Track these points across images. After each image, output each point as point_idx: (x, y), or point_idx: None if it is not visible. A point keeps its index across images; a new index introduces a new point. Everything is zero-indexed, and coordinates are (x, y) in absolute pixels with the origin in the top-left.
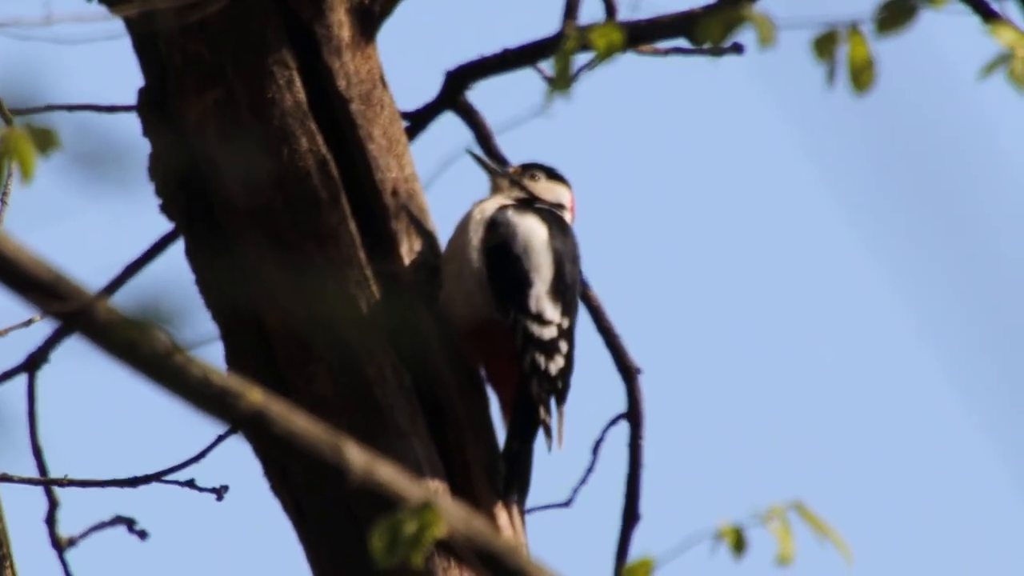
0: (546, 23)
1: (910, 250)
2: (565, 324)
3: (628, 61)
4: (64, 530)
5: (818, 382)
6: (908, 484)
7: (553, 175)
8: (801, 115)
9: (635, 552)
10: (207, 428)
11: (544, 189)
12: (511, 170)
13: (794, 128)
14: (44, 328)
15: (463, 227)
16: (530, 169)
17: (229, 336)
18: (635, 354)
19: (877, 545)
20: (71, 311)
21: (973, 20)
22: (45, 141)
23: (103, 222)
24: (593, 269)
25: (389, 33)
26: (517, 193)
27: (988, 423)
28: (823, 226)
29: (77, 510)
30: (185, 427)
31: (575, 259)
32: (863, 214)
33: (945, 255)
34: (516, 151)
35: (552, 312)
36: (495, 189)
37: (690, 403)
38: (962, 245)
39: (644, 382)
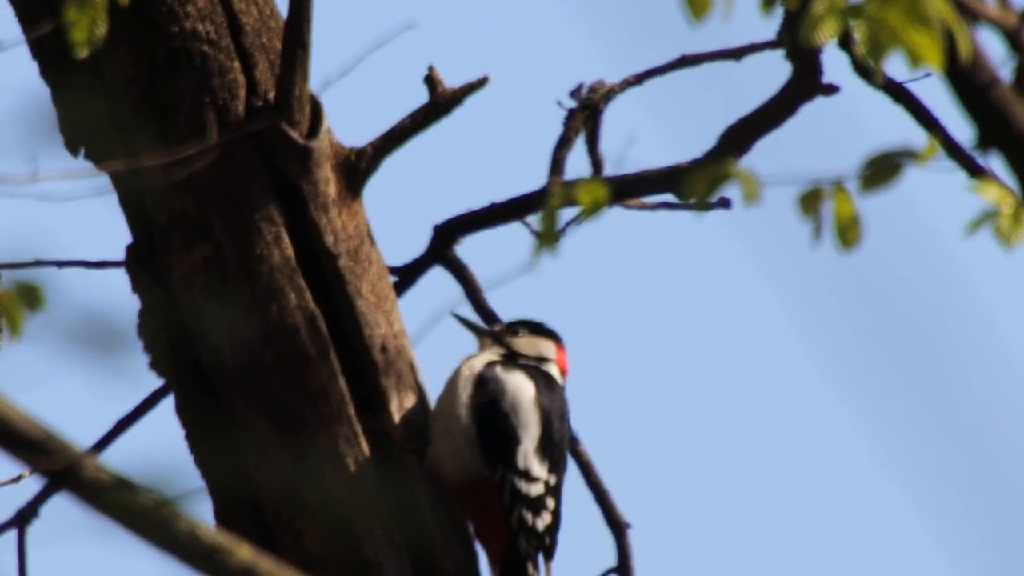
0: (534, 176)
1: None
2: (552, 480)
3: (616, 214)
4: None
5: (807, 538)
6: None
7: (538, 330)
8: (785, 272)
9: None
10: None
11: (526, 344)
12: (497, 327)
13: (777, 285)
14: (34, 483)
15: (452, 384)
16: (514, 326)
17: (218, 492)
18: (624, 509)
19: None
20: (60, 468)
21: (958, 177)
22: (33, 299)
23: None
24: (583, 424)
25: (376, 188)
26: (500, 350)
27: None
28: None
29: None
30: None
31: (563, 416)
32: (845, 373)
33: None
34: (506, 305)
35: (539, 469)
36: (481, 346)
37: (680, 557)
38: (943, 403)
39: (634, 537)
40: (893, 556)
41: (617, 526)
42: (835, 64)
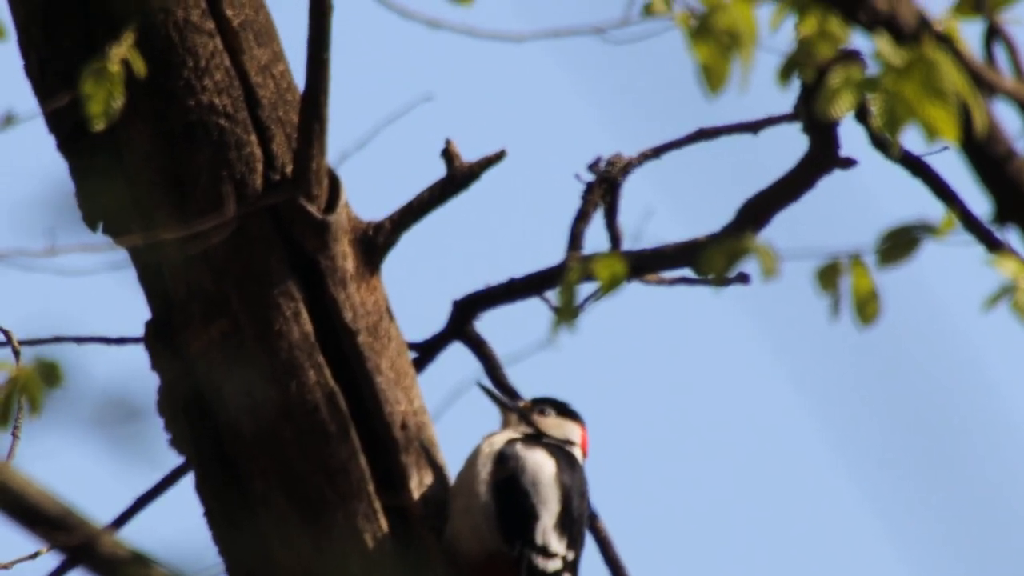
0: (552, 250)
1: (903, 489)
2: (570, 556)
3: (634, 289)
4: None
5: None
6: None
7: (564, 411)
8: (801, 348)
9: None
10: None
11: (553, 425)
12: (522, 404)
13: (794, 362)
14: (52, 560)
15: (472, 461)
16: (540, 403)
17: (236, 571)
18: None
19: None
20: (77, 544)
21: (975, 251)
22: (52, 376)
23: (113, 461)
24: (601, 500)
25: (394, 263)
26: (526, 428)
27: None
28: (821, 461)
29: None
30: None
31: (583, 493)
32: (858, 452)
33: (938, 495)
34: (525, 380)
35: (557, 545)
36: (505, 423)
37: None
38: (955, 484)
39: None
40: None
41: None
42: (852, 137)
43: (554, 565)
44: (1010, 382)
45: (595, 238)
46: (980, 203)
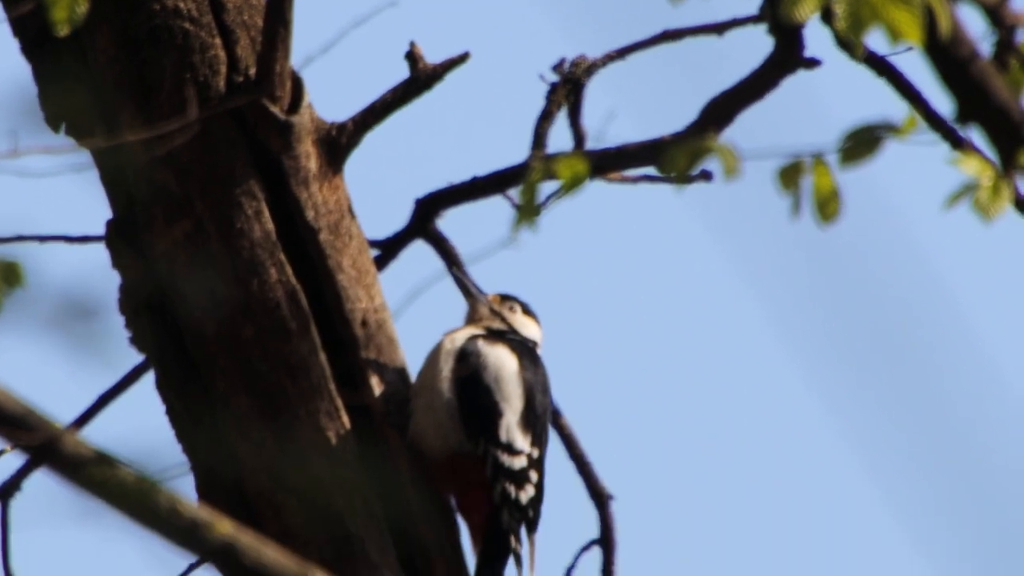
0: (516, 151)
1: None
2: (535, 454)
3: (598, 188)
4: None
5: (792, 506)
6: None
7: (528, 311)
8: (763, 246)
9: None
10: (179, 557)
11: (520, 323)
12: (489, 297)
13: (751, 261)
14: (16, 459)
15: (433, 358)
16: (509, 300)
17: (199, 468)
18: (607, 480)
19: None
20: (40, 443)
21: (938, 151)
22: (12, 276)
23: (74, 361)
24: (564, 398)
25: (358, 163)
26: (493, 323)
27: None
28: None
29: None
30: (157, 555)
31: (546, 389)
32: (818, 347)
33: (897, 392)
34: (486, 278)
35: (522, 442)
36: (473, 314)
37: (662, 529)
38: (914, 382)
39: (616, 508)
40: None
41: (600, 498)
42: (817, 38)
43: (519, 462)
44: (967, 279)
45: (559, 139)
46: (943, 104)
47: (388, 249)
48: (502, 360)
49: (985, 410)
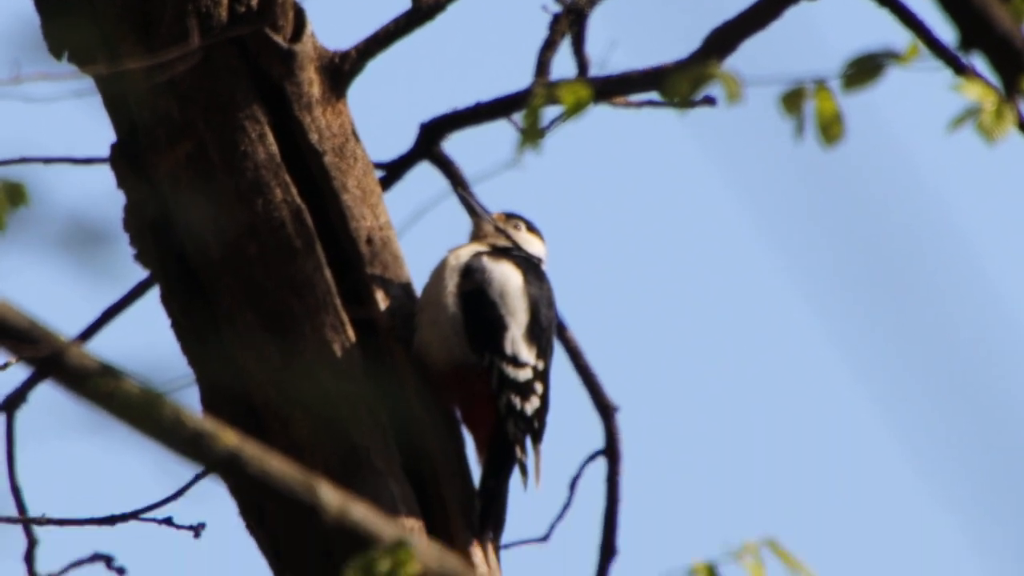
0: (520, 78)
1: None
2: (540, 366)
3: (602, 112)
4: (42, 568)
5: (793, 419)
6: (878, 523)
7: (532, 228)
8: (761, 173)
9: None
10: (185, 468)
11: (525, 240)
12: (494, 216)
13: (752, 185)
14: (22, 371)
15: (438, 273)
16: (513, 218)
17: (205, 381)
18: (612, 392)
19: None
20: (45, 355)
21: (940, 77)
22: (16, 196)
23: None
24: (570, 311)
25: (363, 90)
26: (498, 240)
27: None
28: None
29: (55, 548)
30: (163, 465)
31: (550, 303)
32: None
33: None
34: (491, 199)
35: (527, 355)
36: (478, 232)
37: (667, 439)
38: (911, 305)
39: (621, 419)
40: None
41: (605, 410)
42: None
43: (525, 374)
44: (969, 203)
45: (562, 68)
46: (945, 33)
47: (393, 171)
48: (507, 275)
49: (986, 331)
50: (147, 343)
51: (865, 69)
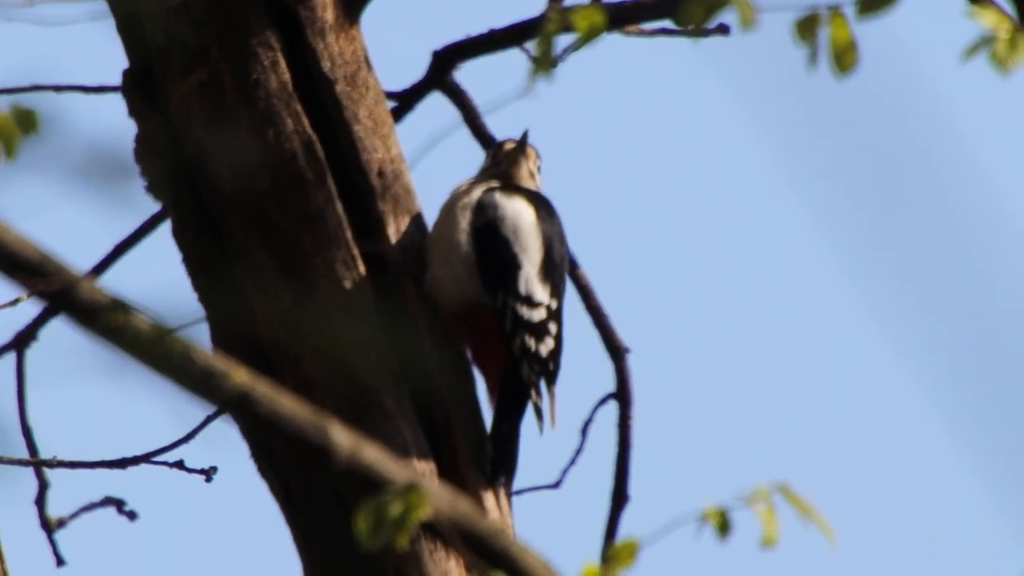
0: (534, 4)
1: (878, 245)
2: (554, 305)
3: (615, 41)
4: (54, 511)
5: (804, 364)
6: (889, 468)
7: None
8: (779, 99)
9: (623, 534)
10: (196, 409)
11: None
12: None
13: (771, 113)
14: (32, 307)
15: (450, 210)
16: (526, 148)
17: (215, 318)
18: (623, 333)
19: (861, 527)
20: (56, 290)
21: (954, 4)
22: (28, 123)
23: (94, 211)
24: (580, 249)
25: (375, 15)
26: (523, 181)
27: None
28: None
29: (67, 491)
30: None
31: (562, 239)
32: (832, 201)
33: (912, 250)
34: (504, 131)
35: (541, 294)
36: (514, 172)
37: (679, 383)
38: (928, 242)
39: (633, 362)
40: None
41: (616, 351)
42: None
43: (539, 315)
44: (984, 130)
45: None
46: None
47: (405, 101)
48: (519, 211)
49: (996, 252)
50: (160, 278)
51: None
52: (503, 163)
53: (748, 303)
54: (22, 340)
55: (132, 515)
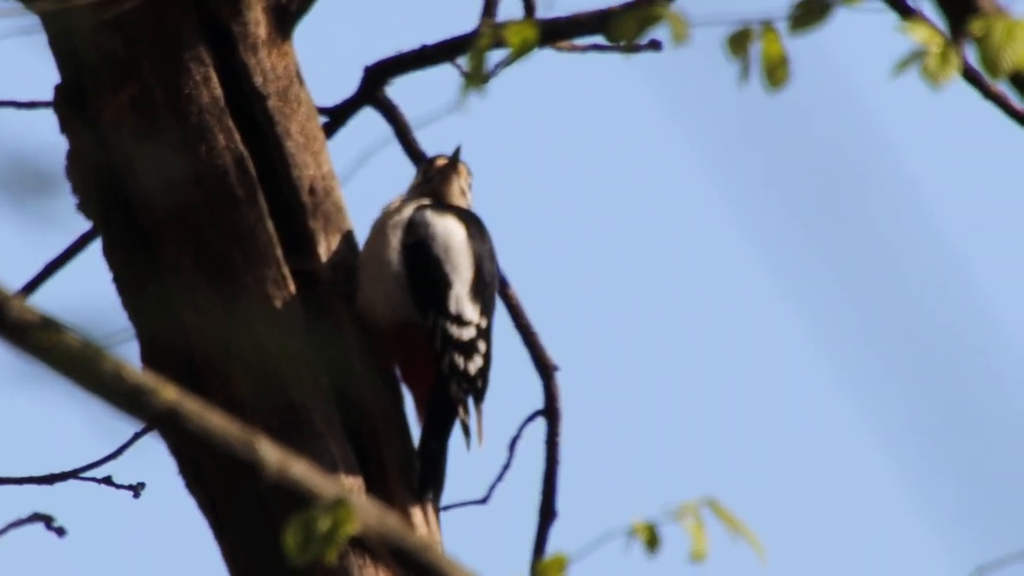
0: (466, 20)
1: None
2: (484, 324)
3: (548, 57)
4: None
5: (733, 380)
6: (818, 483)
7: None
8: (712, 115)
9: (551, 549)
10: (125, 425)
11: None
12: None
13: (698, 129)
14: None
15: (380, 228)
16: (454, 162)
17: (146, 336)
18: (552, 351)
19: (789, 542)
20: None
21: (887, 19)
22: None
23: (21, 228)
24: (511, 267)
25: (307, 31)
26: (454, 199)
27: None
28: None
29: None
30: (104, 422)
31: (493, 257)
32: (764, 217)
33: (841, 258)
34: (435, 147)
35: (471, 313)
36: (446, 190)
37: (606, 400)
38: (857, 249)
39: (561, 379)
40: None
41: (545, 368)
42: None
43: (468, 333)
44: (915, 145)
45: (509, 11)
46: None
47: (337, 116)
48: (450, 230)
49: (931, 269)
50: (89, 296)
51: (812, 9)
52: (434, 180)
53: (678, 320)
54: None
55: (61, 531)
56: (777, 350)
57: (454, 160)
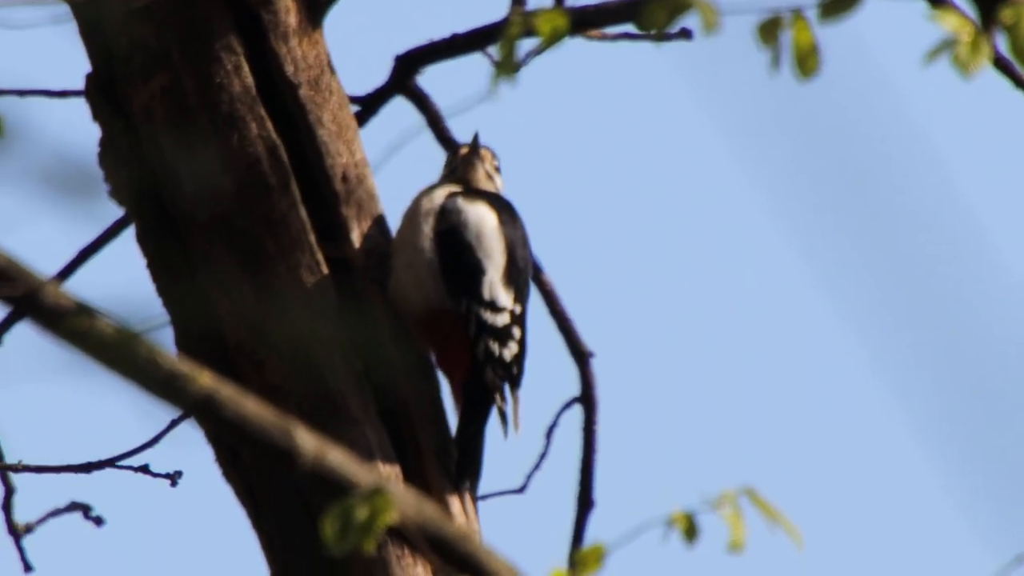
0: (497, 9)
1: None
2: (518, 310)
3: (578, 45)
4: (20, 516)
5: (771, 367)
6: (856, 471)
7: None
8: (742, 103)
9: (590, 539)
10: (161, 413)
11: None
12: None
13: (733, 117)
14: None
15: (412, 216)
16: (489, 155)
17: (179, 322)
18: (588, 338)
19: (827, 530)
20: (21, 294)
21: (916, 7)
22: None
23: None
24: (544, 253)
25: (338, 20)
26: (481, 184)
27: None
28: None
29: (33, 496)
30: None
31: (525, 243)
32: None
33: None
34: (466, 134)
35: (505, 299)
36: (471, 176)
37: (644, 386)
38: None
39: (597, 366)
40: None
41: (580, 355)
42: None
43: (503, 319)
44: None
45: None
46: None
47: (368, 105)
48: (482, 216)
49: (962, 257)
50: (124, 282)
51: None
52: (459, 169)
53: (714, 306)
54: None
55: (99, 520)
56: (810, 338)
57: (474, 146)
